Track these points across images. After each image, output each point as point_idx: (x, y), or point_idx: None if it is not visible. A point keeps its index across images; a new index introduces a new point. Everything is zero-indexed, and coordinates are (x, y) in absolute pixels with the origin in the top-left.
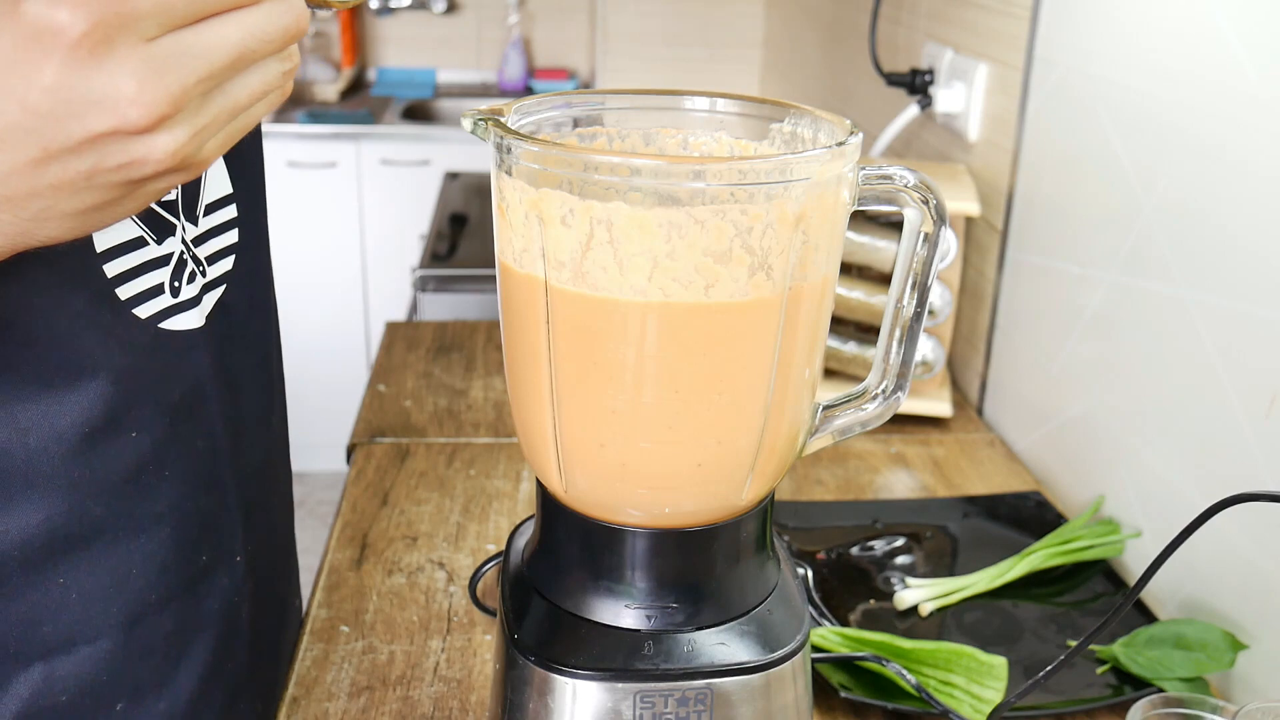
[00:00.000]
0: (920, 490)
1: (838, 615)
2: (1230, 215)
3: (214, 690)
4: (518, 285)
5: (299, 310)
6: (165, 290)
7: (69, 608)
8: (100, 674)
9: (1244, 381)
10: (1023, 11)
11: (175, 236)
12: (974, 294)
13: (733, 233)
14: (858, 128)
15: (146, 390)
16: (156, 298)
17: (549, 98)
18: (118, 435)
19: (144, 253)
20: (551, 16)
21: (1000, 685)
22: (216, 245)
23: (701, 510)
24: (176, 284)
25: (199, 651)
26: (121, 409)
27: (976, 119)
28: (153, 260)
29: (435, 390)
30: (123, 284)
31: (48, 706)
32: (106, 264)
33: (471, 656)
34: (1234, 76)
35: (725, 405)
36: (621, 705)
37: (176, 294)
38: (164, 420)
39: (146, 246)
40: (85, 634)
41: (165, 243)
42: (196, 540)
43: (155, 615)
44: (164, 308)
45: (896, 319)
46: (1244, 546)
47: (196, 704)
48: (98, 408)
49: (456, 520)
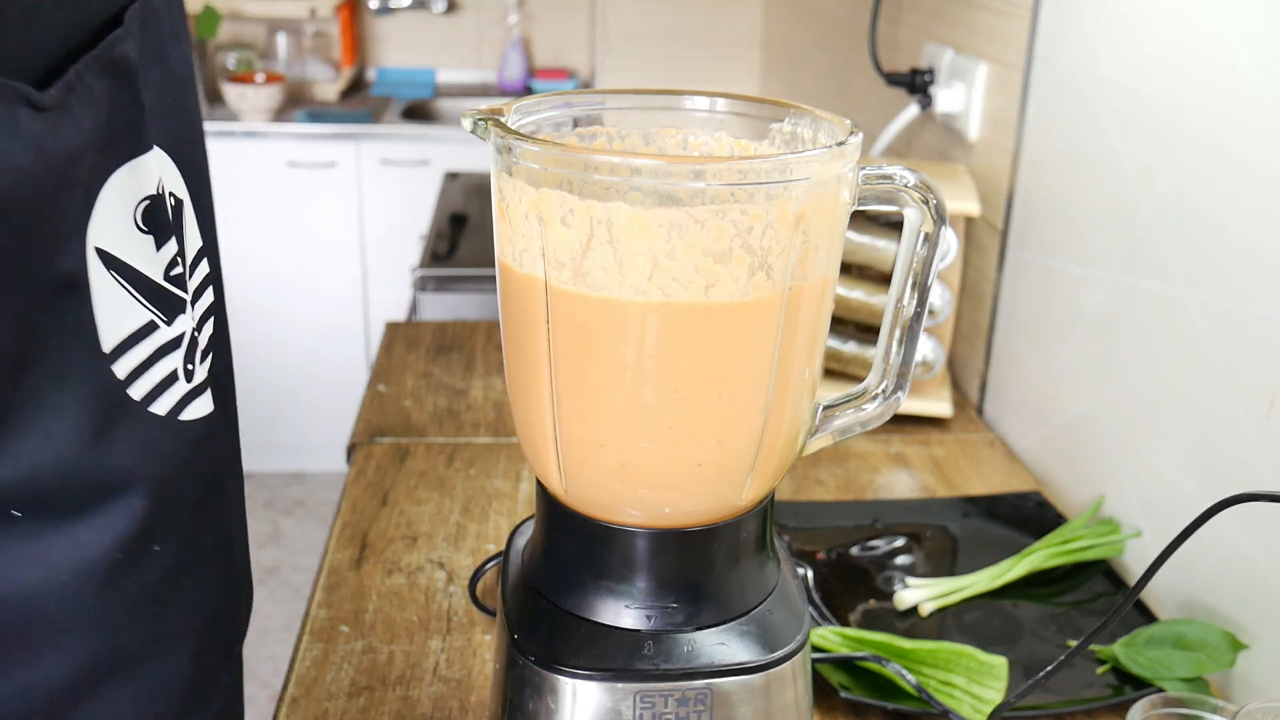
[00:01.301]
0: (920, 490)
1: (838, 615)
2: (1230, 215)
3: None
4: (518, 285)
5: (299, 310)
6: (180, 377)
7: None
8: None
9: (1244, 381)
10: (1023, 11)
11: (186, 316)
12: (974, 294)
13: (733, 233)
14: (858, 128)
15: (175, 495)
16: (172, 387)
17: (549, 98)
18: (144, 553)
19: (154, 339)
20: (551, 16)
21: (1000, 685)
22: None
23: (701, 510)
24: (190, 367)
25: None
26: (152, 523)
27: (976, 119)
28: (164, 345)
29: (435, 390)
30: (134, 381)
31: None
32: (115, 364)
33: (471, 656)
34: (1234, 76)
35: (725, 405)
36: (621, 705)
37: (190, 378)
38: (187, 525)
39: (157, 331)
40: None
41: (175, 322)
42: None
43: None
44: (180, 396)
45: (896, 319)
46: (1244, 546)
47: None
48: (127, 525)
49: (456, 520)
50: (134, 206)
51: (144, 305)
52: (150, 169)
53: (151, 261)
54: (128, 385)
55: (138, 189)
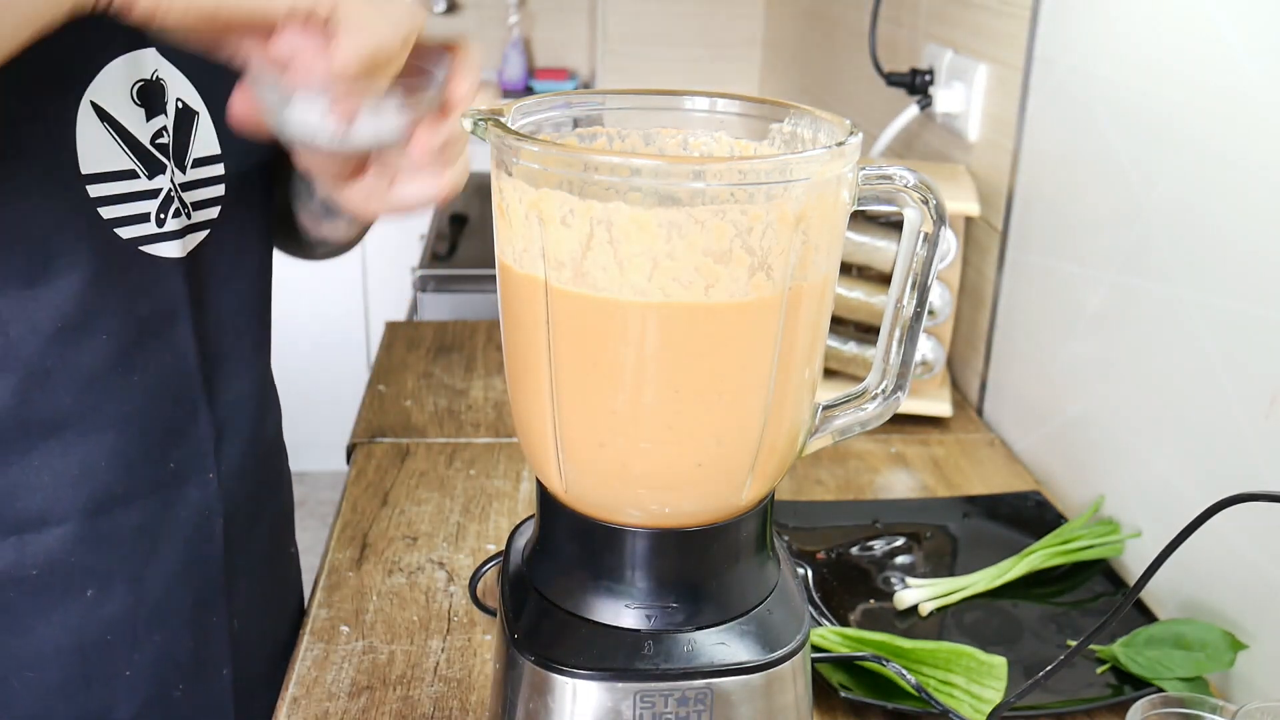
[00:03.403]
0: (920, 490)
1: (838, 615)
2: (1230, 215)
3: (182, 596)
4: (518, 285)
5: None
6: (151, 219)
7: (42, 488)
8: (68, 555)
9: (1244, 381)
10: (1023, 11)
11: (165, 176)
12: (974, 294)
13: (733, 233)
14: (858, 128)
15: (119, 299)
16: (141, 224)
17: (549, 98)
18: (89, 334)
19: (133, 184)
20: (551, 16)
21: (1000, 685)
22: (203, 194)
23: (701, 510)
24: (163, 216)
25: (169, 555)
26: (93, 311)
27: (976, 119)
28: (141, 192)
29: (435, 390)
30: (108, 205)
31: (20, 578)
32: (91, 185)
33: (471, 656)
34: (1234, 76)
35: (725, 405)
36: (621, 705)
37: (161, 224)
38: (133, 329)
39: (137, 178)
40: (55, 515)
41: (155, 179)
42: (164, 446)
43: (121, 509)
44: (147, 234)
45: (896, 319)
46: (1244, 546)
47: (164, 604)
48: (70, 305)
49: (456, 520)
50: (130, 85)
51: (127, 155)
52: (147, 61)
53: (141, 126)
54: (99, 205)
55: (135, 73)
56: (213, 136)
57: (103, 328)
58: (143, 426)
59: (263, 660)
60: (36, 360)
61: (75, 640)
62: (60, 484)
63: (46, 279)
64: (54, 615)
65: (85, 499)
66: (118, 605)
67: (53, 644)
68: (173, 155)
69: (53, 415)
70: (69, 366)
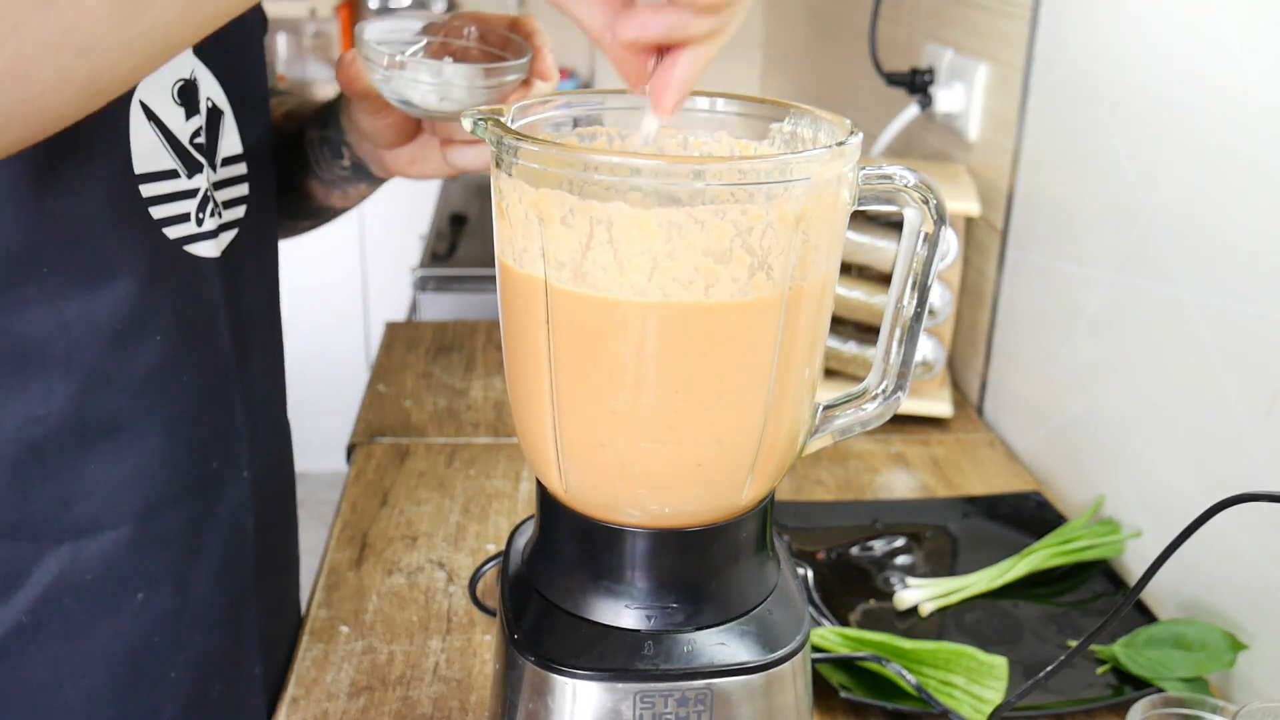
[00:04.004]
0: (920, 490)
1: (838, 615)
2: (1230, 215)
3: (221, 595)
4: (518, 285)
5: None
6: (191, 219)
7: (97, 493)
8: (121, 559)
9: (1244, 381)
10: (1023, 11)
11: (202, 175)
12: (974, 294)
13: (733, 233)
14: (858, 128)
15: (169, 299)
16: (184, 224)
17: (549, 98)
18: (143, 336)
19: (176, 183)
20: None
21: (1000, 685)
22: (231, 194)
23: (701, 510)
24: (201, 215)
25: (210, 553)
26: (147, 312)
27: (976, 119)
28: (183, 191)
29: (435, 390)
30: (157, 205)
31: (74, 584)
32: (143, 185)
33: (471, 656)
34: (1234, 77)
35: (725, 405)
36: (621, 705)
37: (200, 224)
38: (181, 330)
39: (179, 178)
40: (109, 519)
41: (194, 178)
42: (208, 446)
43: (171, 509)
44: (190, 234)
45: (896, 319)
46: (1244, 546)
47: (207, 605)
48: (126, 307)
49: (456, 520)
50: (171, 84)
51: (170, 154)
52: (184, 59)
53: (181, 126)
54: (150, 205)
55: (176, 72)
56: (236, 137)
57: (155, 328)
58: (190, 427)
59: (284, 661)
60: (97, 363)
61: (126, 644)
62: (115, 488)
63: (105, 280)
64: (107, 620)
65: (139, 502)
66: (165, 607)
67: (104, 649)
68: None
69: (110, 418)
70: (126, 369)
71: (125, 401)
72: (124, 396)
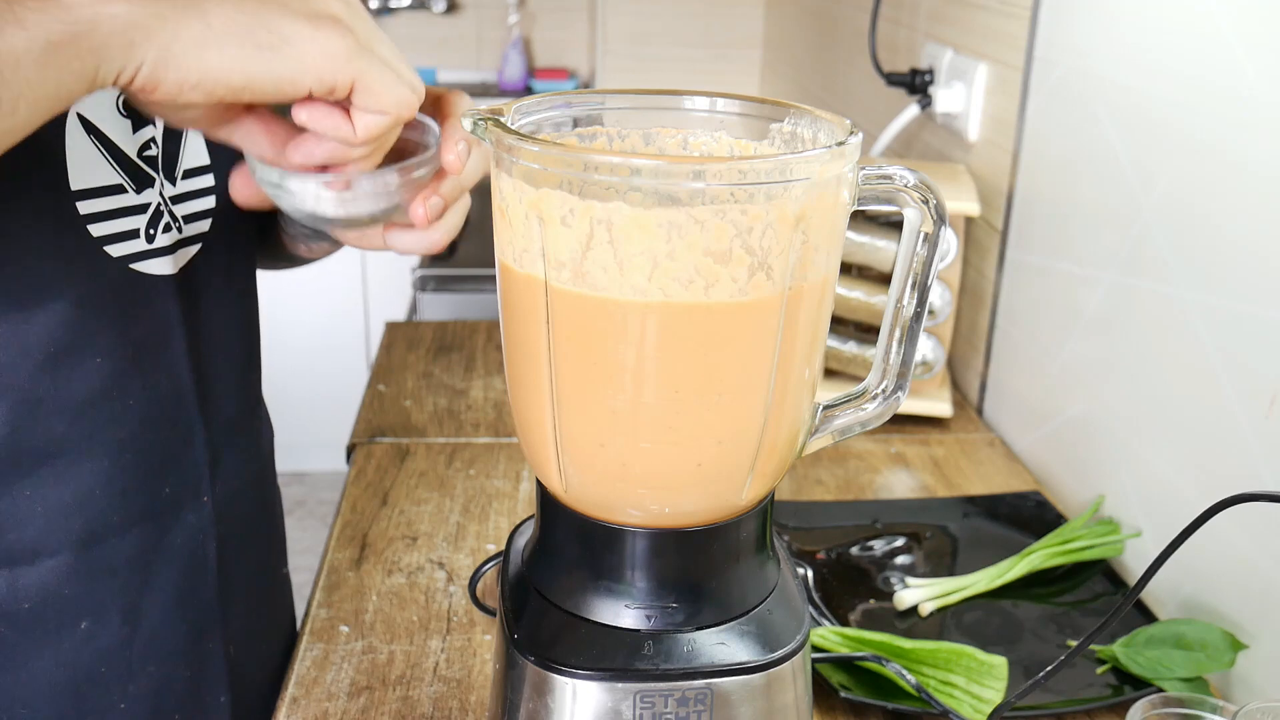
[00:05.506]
0: (920, 490)
1: (838, 615)
2: (1230, 215)
3: (179, 624)
4: (518, 285)
5: (299, 310)
6: (140, 236)
7: (33, 520)
8: (62, 587)
9: (1244, 381)
10: (1023, 11)
11: (154, 189)
12: (974, 294)
13: (733, 233)
14: (858, 128)
15: (111, 320)
16: (130, 240)
17: (549, 98)
18: (81, 358)
19: (122, 199)
20: (551, 16)
21: (1000, 685)
22: (194, 207)
23: (701, 510)
24: (152, 231)
25: (164, 583)
26: (85, 334)
27: (976, 119)
28: (130, 207)
29: (435, 390)
30: (96, 223)
31: (10, 613)
32: (80, 202)
33: (471, 656)
34: (1234, 76)
35: (725, 405)
36: (621, 705)
37: (151, 240)
38: (127, 351)
39: (125, 194)
40: (48, 546)
41: (144, 193)
42: (160, 471)
43: (116, 538)
44: (137, 251)
45: (896, 319)
46: (1244, 546)
47: (159, 634)
48: (60, 329)
49: (456, 520)
50: (117, 95)
51: (114, 168)
52: None
53: (127, 138)
54: (89, 223)
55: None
56: (202, 146)
57: (95, 351)
58: (138, 452)
59: (260, 685)
60: (28, 387)
61: (69, 675)
62: (53, 515)
63: (38, 301)
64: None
65: (79, 529)
66: (112, 637)
67: (46, 679)
68: (162, 167)
69: (45, 444)
70: (61, 393)
71: (62, 426)
72: (61, 421)
